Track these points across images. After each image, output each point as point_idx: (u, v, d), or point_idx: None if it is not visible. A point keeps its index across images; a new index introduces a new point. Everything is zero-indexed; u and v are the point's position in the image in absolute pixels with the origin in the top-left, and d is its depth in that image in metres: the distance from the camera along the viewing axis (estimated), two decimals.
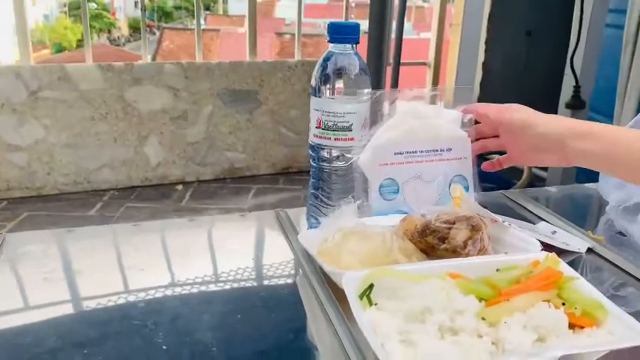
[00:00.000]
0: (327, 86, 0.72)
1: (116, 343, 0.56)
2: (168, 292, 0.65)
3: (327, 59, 0.73)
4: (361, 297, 0.54)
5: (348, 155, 0.74)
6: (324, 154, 0.74)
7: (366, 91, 0.72)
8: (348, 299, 0.52)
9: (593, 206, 1.01)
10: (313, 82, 0.73)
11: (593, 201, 1.00)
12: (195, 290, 0.66)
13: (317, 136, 0.74)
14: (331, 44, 0.72)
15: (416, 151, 0.75)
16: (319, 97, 0.73)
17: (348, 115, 0.72)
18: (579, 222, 0.84)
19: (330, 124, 0.72)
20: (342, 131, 0.73)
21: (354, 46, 0.73)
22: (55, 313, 0.63)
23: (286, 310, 0.64)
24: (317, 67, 0.73)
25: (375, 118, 0.75)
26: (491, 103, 0.80)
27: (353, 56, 0.72)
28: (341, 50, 0.72)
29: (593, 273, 0.71)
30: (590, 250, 0.75)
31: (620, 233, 0.83)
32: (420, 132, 0.75)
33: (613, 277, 0.70)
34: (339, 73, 0.72)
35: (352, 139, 0.73)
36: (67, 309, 0.63)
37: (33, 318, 0.61)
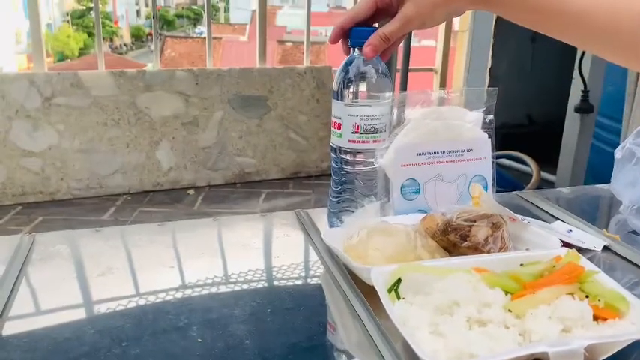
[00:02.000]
0: (356, 91, 0.73)
1: (153, 336, 0.57)
2: (199, 288, 0.66)
3: (349, 63, 0.73)
4: (389, 291, 0.55)
5: (378, 155, 0.75)
6: (364, 157, 0.75)
7: (389, 93, 0.74)
8: (378, 293, 0.54)
9: (605, 206, 1.01)
10: (336, 87, 0.74)
11: (605, 201, 1.00)
12: (223, 286, 0.67)
13: (354, 141, 0.74)
14: (355, 49, 0.73)
15: (437, 152, 0.76)
16: (351, 103, 0.73)
17: (382, 117, 0.73)
18: (592, 221, 0.85)
19: (369, 127, 0.73)
20: (379, 133, 0.74)
21: None
22: (91, 309, 0.64)
23: (313, 305, 0.65)
24: (339, 72, 0.73)
25: (394, 119, 0.76)
26: None
27: (375, 60, 0.72)
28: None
29: (610, 270, 0.71)
30: (605, 248, 0.76)
31: (634, 232, 0.84)
32: (442, 133, 0.76)
33: (630, 274, 0.71)
34: (364, 76, 0.72)
35: (384, 140, 0.74)
36: (101, 305, 0.64)
37: (69, 314, 0.62)
